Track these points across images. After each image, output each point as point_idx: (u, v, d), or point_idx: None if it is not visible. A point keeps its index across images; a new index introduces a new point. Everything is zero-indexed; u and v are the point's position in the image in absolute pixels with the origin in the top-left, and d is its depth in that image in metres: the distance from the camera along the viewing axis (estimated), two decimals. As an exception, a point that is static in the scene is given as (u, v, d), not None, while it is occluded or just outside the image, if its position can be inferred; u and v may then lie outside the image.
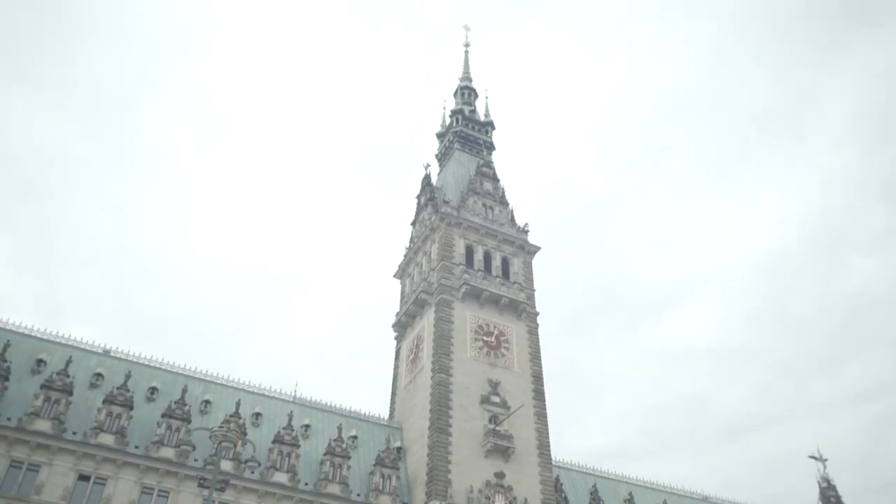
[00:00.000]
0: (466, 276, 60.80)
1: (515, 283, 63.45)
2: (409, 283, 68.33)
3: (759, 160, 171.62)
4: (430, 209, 67.77)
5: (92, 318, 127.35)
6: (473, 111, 79.58)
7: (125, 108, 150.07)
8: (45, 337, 49.71)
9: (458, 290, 60.03)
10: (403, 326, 65.98)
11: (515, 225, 67.84)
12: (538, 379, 59.12)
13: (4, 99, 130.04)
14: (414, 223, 72.03)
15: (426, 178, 71.29)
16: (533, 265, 66.30)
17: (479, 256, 63.48)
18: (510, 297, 61.57)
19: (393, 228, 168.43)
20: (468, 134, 76.89)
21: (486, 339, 59.04)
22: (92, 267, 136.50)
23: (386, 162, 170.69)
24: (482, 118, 79.25)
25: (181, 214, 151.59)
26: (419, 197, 71.64)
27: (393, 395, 63.86)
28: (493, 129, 79.12)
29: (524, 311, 61.93)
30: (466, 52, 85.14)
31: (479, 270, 62.32)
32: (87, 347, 50.68)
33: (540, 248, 67.21)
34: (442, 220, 63.94)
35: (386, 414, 62.04)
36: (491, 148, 77.34)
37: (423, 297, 61.70)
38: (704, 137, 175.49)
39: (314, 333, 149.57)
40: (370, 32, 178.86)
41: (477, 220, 65.49)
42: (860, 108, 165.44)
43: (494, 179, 70.44)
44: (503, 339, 59.85)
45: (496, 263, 63.93)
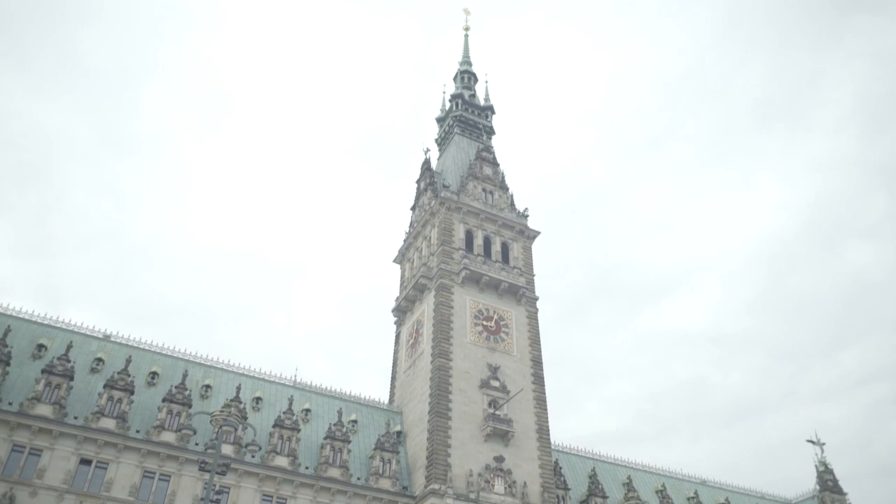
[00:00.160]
0: (466, 260, 60.80)
1: (515, 267, 63.45)
2: (408, 267, 68.34)
3: (758, 146, 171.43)
4: (429, 194, 67.65)
5: (92, 303, 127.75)
6: (473, 95, 79.26)
7: (125, 94, 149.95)
8: (45, 322, 49.80)
9: (457, 274, 60.05)
10: (403, 311, 66.06)
11: (515, 210, 67.76)
12: (537, 363, 59.27)
13: (4, 84, 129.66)
14: (414, 208, 71.93)
15: (426, 162, 71.15)
16: (532, 250, 66.29)
17: (478, 241, 63.45)
18: (510, 281, 61.60)
19: (393, 213, 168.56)
20: (468, 118, 76.62)
21: (485, 323, 59.14)
22: (92, 252, 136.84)
23: (386, 147, 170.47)
24: (482, 103, 78.95)
25: (181, 200, 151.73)
26: (419, 182, 71.50)
27: (393, 379, 64.05)
28: (493, 113, 78.87)
29: (524, 295, 61.98)
30: (466, 35, 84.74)
31: (478, 255, 62.32)
32: (87, 332, 50.80)
33: (539, 232, 67.23)
34: (442, 204, 63.86)
35: (386, 398, 62.30)
36: (491, 132, 77.09)
37: (422, 281, 61.74)
38: (704, 123, 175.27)
39: (314, 318, 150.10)
40: (369, 16, 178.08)
41: (477, 204, 65.42)
42: (860, 94, 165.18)
43: (494, 164, 70.26)
44: (503, 323, 59.94)
45: (496, 248, 63.91)
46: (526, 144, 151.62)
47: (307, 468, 48.54)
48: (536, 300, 62.88)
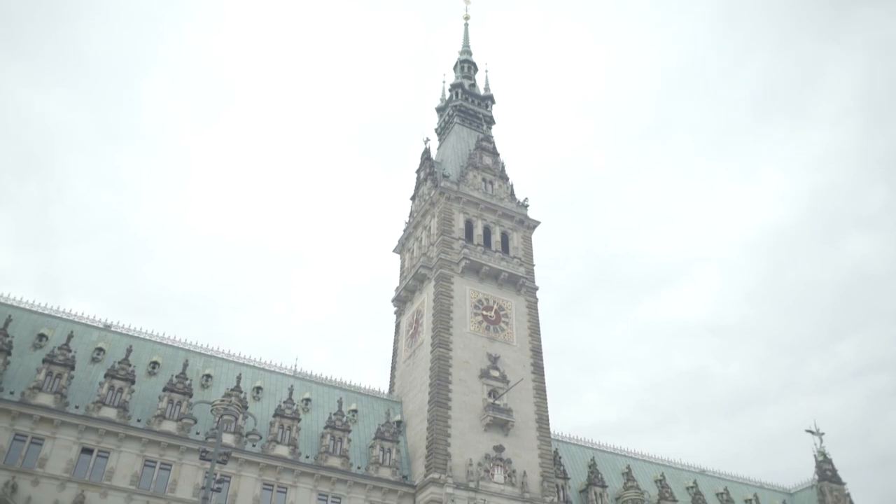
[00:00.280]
0: (466, 250, 60.80)
1: (515, 257, 63.46)
2: (408, 257, 68.34)
3: (759, 136, 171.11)
4: (429, 184, 67.59)
5: (93, 293, 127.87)
6: (473, 85, 79.02)
7: (126, 85, 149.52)
8: (46, 312, 49.87)
9: (457, 264, 60.07)
10: (403, 301, 66.13)
11: (515, 199, 67.70)
12: (537, 353, 59.38)
13: (5, 75, 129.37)
14: (413, 198, 71.87)
15: (426, 152, 71.02)
16: (532, 240, 66.28)
17: (478, 231, 63.44)
18: (510, 271, 61.62)
19: (393, 203, 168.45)
20: (468, 108, 76.42)
21: (485, 313, 59.21)
22: (93, 243, 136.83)
23: (386, 136, 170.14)
24: (482, 92, 78.70)
25: (181, 190, 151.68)
26: (419, 171, 71.41)
27: (393, 369, 64.18)
28: (492, 103, 78.64)
29: (524, 285, 62.02)
30: (466, 24, 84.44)
31: (478, 245, 62.32)
32: (88, 322, 50.87)
33: (540, 222, 67.22)
34: (441, 194, 63.81)
35: (386, 388, 62.43)
36: (491, 122, 76.92)
37: (422, 271, 61.77)
38: (705, 113, 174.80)
39: (314, 308, 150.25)
40: (369, 5, 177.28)
41: (476, 194, 65.36)
42: (861, 85, 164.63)
43: (494, 154, 70.13)
44: (503, 313, 60.01)
45: (496, 238, 63.91)
46: (526, 134, 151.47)
47: (307, 457, 48.73)
48: (536, 290, 62.93)
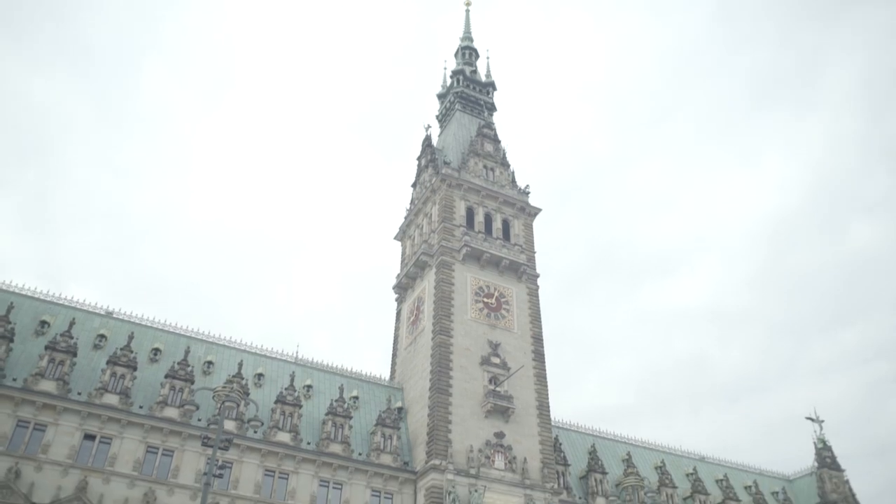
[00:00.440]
0: (467, 237, 60.77)
1: (516, 244, 63.44)
2: (409, 245, 68.33)
3: (761, 123, 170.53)
4: (430, 171, 67.48)
5: (94, 280, 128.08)
6: (475, 71, 78.73)
7: (126, 71, 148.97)
8: (48, 299, 49.94)
9: (458, 251, 60.06)
10: (404, 288, 66.18)
11: (516, 186, 67.60)
12: (538, 340, 59.48)
13: (4, 62, 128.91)
14: (415, 185, 71.77)
15: (427, 139, 70.87)
16: (533, 227, 66.24)
17: (479, 218, 63.38)
18: (511, 258, 61.61)
19: (394, 190, 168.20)
20: (469, 95, 76.20)
21: (486, 300, 59.26)
22: (94, 229, 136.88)
23: (387, 123, 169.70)
24: (483, 79, 78.46)
25: (182, 177, 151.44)
26: (420, 158, 71.27)
27: (394, 356, 64.31)
28: (494, 89, 78.40)
29: (524, 272, 62.02)
30: (468, 11, 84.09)
31: (479, 232, 62.29)
32: (90, 309, 50.94)
33: (541, 209, 67.11)
34: (443, 181, 63.71)
35: (387, 375, 62.59)
36: (492, 109, 76.69)
37: (423, 258, 61.76)
38: (707, 99, 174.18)
39: (316, 295, 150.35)
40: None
41: (478, 181, 65.24)
42: (864, 72, 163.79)
43: (495, 140, 69.94)
44: (503, 300, 60.06)
45: (497, 225, 63.86)
46: (527, 121, 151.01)
47: (309, 444, 48.95)
48: (537, 277, 62.94)
